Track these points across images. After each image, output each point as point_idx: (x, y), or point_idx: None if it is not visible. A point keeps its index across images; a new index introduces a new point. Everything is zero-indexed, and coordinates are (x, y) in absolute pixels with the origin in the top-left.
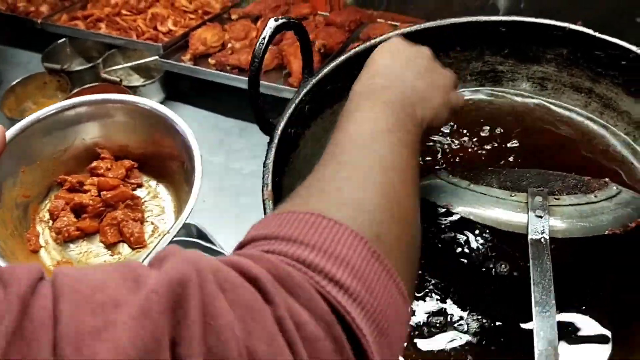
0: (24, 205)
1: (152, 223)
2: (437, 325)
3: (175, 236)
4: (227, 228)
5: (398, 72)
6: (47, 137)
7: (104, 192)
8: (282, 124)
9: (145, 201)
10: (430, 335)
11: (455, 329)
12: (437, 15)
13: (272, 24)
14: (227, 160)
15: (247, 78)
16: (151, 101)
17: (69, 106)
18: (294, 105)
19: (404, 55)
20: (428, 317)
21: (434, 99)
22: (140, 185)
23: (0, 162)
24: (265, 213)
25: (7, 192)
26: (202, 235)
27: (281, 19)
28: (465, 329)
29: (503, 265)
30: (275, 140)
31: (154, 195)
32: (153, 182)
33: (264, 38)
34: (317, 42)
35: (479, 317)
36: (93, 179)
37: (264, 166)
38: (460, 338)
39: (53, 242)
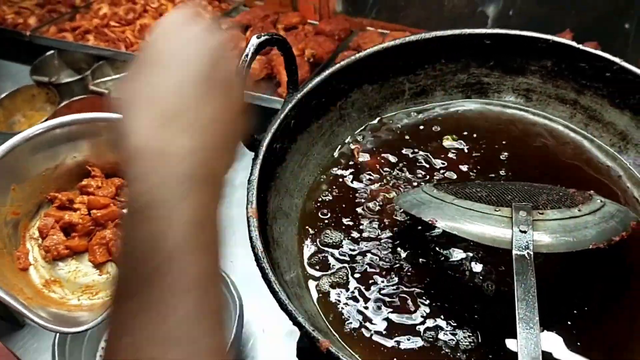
0: (14, 222)
1: None
2: (429, 339)
3: None
4: None
5: (162, 134)
6: (38, 155)
7: (94, 211)
8: (267, 140)
9: None
10: (420, 349)
11: (445, 343)
12: (427, 24)
13: (254, 40)
14: None
15: None
16: None
17: (59, 124)
18: (278, 120)
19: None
20: (418, 332)
21: (222, 158)
22: None
23: None
24: (249, 230)
25: None
26: None
27: (264, 35)
28: (454, 343)
29: (490, 285)
30: (260, 157)
31: None
32: None
33: (246, 55)
34: (306, 51)
35: (467, 333)
36: (83, 197)
37: (248, 183)
38: (448, 353)
39: (42, 260)
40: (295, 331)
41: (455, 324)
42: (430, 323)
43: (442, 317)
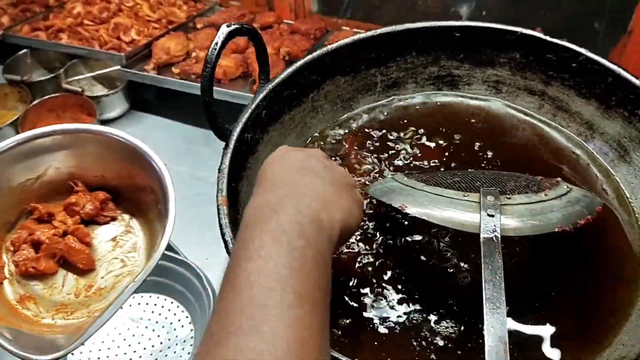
0: None
1: (121, 260)
2: (407, 325)
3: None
4: (192, 237)
5: (292, 178)
6: (18, 165)
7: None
8: (238, 130)
9: (116, 236)
10: (399, 333)
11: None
12: (401, 23)
13: (224, 29)
14: (193, 169)
15: (216, 88)
16: (126, 134)
17: (40, 134)
18: (249, 110)
19: (295, 159)
20: (394, 318)
21: (342, 199)
22: (114, 219)
23: None
24: (219, 218)
25: None
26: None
27: (234, 24)
28: (432, 328)
29: (465, 273)
30: (231, 146)
31: (128, 230)
32: (127, 216)
33: (216, 44)
34: (281, 49)
35: (444, 319)
36: (65, 216)
37: (218, 171)
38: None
39: (17, 274)
40: None
41: (431, 310)
42: (406, 309)
43: (418, 303)
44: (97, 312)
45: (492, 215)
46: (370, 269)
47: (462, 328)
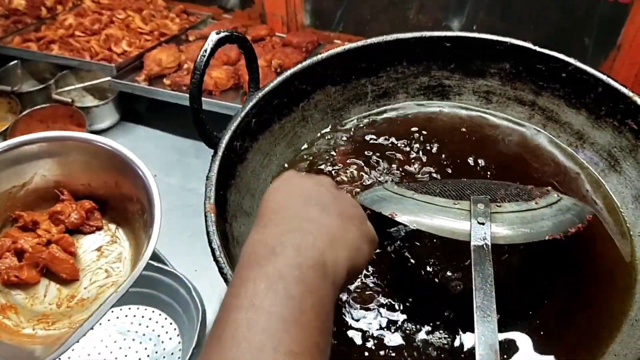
0: None
1: (106, 271)
2: (401, 335)
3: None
4: (181, 248)
5: (297, 210)
6: (4, 172)
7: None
8: (227, 137)
9: (102, 246)
10: (392, 345)
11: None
12: None
13: (213, 36)
14: (183, 181)
15: (207, 99)
16: (113, 142)
17: (25, 142)
18: (239, 118)
19: (302, 187)
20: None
21: (349, 234)
22: (99, 228)
23: None
24: (207, 226)
25: None
26: (154, 255)
27: (224, 31)
28: (425, 339)
29: (457, 281)
30: (220, 153)
31: (113, 240)
32: (113, 226)
33: (205, 51)
34: (273, 61)
35: (437, 329)
36: (50, 225)
37: (207, 179)
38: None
39: None
40: None
41: (424, 320)
42: (399, 319)
43: (410, 313)
44: (79, 323)
45: (483, 223)
46: (360, 278)
47: (456, 338)
